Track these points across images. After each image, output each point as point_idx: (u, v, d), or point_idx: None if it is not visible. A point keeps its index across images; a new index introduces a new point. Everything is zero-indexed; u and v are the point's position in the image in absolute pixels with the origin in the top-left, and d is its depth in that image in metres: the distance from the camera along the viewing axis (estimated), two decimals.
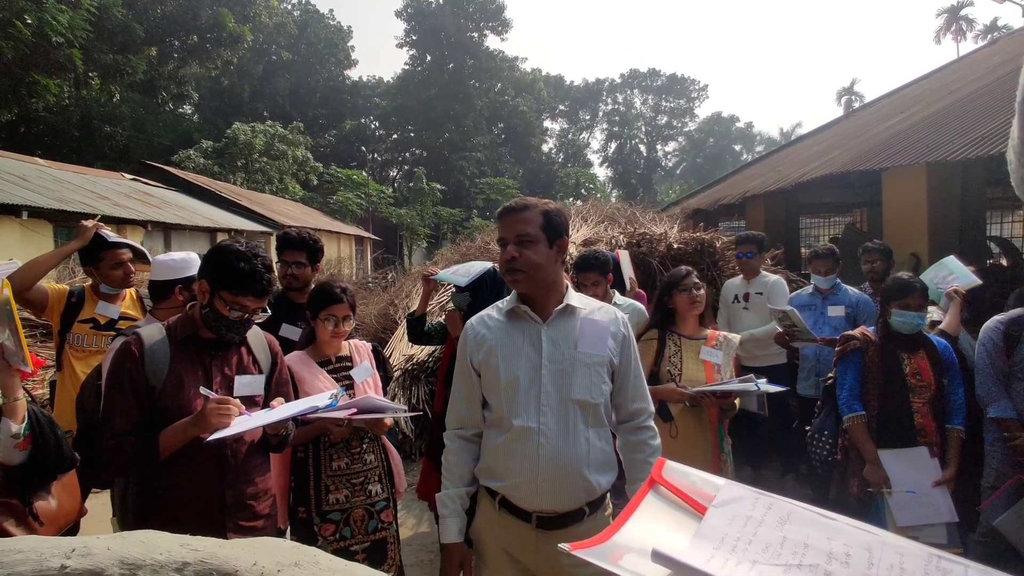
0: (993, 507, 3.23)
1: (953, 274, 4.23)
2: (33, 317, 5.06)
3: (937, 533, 3.25)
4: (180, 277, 3.25)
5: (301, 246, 3.68)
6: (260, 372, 2.39)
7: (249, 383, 2.33)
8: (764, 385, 3.21)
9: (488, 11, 48.47)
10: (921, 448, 3.35)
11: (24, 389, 2.37)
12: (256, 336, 2.45)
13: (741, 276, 5.37)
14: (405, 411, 3.23)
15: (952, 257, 4.39)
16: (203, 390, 2.19)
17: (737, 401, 3.34)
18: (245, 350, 2.39)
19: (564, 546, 1.17)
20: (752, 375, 3.32)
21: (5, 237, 9.61)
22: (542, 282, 2.15)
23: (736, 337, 3.56)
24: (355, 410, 2.62)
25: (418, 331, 3.97)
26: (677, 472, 1.32)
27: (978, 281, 4.12)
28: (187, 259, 3.32)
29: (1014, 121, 3.87)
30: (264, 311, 2.30)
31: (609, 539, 1.19)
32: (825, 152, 10.93)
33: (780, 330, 4.96)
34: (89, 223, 3.69)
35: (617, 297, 4.13)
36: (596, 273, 3.86)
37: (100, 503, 4.05)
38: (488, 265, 3.78)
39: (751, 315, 5.20)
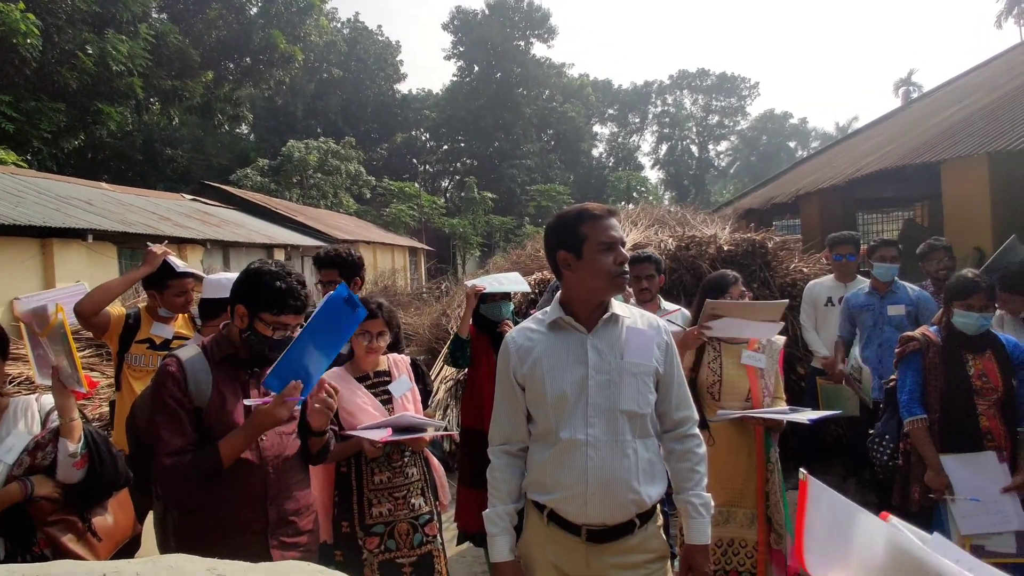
0: None
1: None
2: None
3: (1006, 542, 3.07)
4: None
5: (331, 264, 3.64)
6: None
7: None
8: (803, 416, 3.08)
9: (534, 19, 48.55)
10: (989, 453, 3.17)
11: (80, 410, 2.44)
12: None
13: (832, 276, 5.14)
14: (444, 426, 3.19)
15: (1014, 238, 4.16)
16: (247, 401, 2.22)
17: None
18: None
19: None
20: (796, 407, 3.22)
21: (72, 260, 9.99)
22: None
23: (781, 339, 3.38)
24: (390, 431, 2.63)
25: (466, 352, 3.78)
26: None
27: None
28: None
29: None
30: (301, 327, 2.32)
31: None
32: (881, 146, 10.59)
33: (829, 360, 4.84)
34: (158, 249, 3.64)
35: (664, 304, 4.05)
36: (652, 266, 3.92)
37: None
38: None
39: None
